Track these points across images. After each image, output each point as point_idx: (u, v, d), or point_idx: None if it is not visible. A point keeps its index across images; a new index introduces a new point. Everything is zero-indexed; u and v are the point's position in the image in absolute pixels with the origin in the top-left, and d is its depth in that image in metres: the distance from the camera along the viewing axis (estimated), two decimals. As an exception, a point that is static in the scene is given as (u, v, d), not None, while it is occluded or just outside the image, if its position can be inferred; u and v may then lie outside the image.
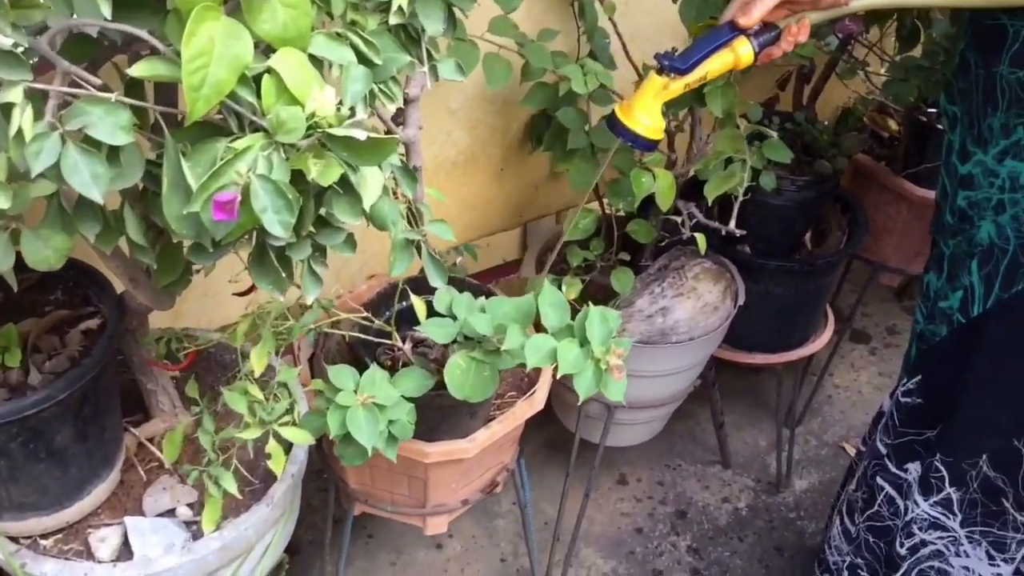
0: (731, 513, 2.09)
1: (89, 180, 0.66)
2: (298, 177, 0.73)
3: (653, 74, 1.17)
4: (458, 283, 1.41)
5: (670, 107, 1.48)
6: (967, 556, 1.48)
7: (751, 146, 1.56)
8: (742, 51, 1.17)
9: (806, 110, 1.83)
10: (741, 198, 1.45)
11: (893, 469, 1.53)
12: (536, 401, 1.49)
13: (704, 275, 1.70)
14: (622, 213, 1.68)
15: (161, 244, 0.89)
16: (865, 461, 1.62)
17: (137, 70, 0.68)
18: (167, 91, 0.91)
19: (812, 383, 2.29)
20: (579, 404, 1.41)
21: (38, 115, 0.65)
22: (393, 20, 0.83)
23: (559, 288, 1.62)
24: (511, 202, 2.06)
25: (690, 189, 1.63)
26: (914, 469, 1.51)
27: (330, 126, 0.72)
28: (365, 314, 1.34)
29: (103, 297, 1.20)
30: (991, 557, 1.47)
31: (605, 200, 1.71)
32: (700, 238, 1.51)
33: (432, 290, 1.22)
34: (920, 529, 1.50)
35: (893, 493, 1.54)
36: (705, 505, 2.10)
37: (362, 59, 0.80)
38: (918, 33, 1.66)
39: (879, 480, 1.56)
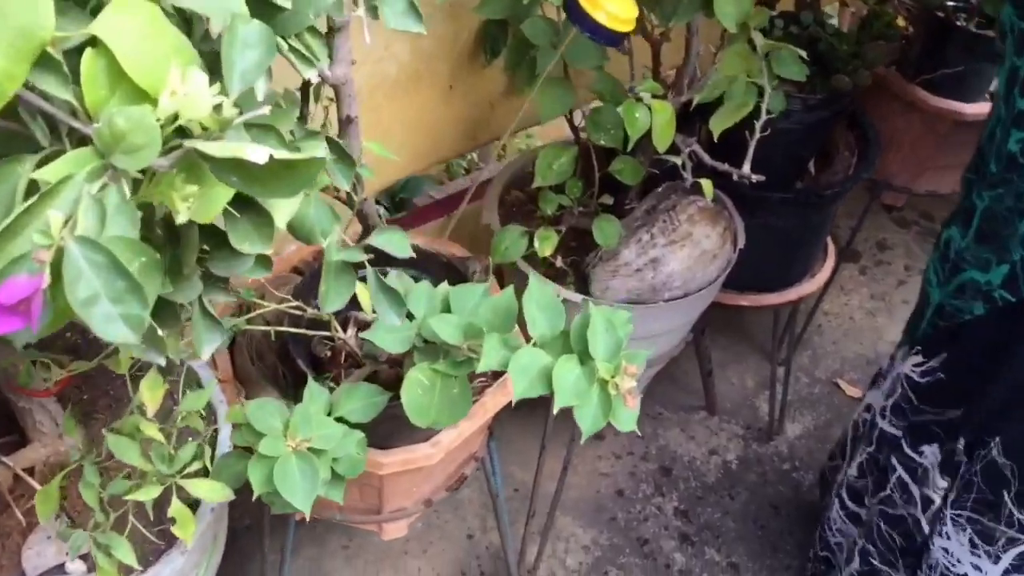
0: (720, 467, 1.88)
1: None
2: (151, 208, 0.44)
3: None
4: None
5: (669, 21, 1.19)
6: (948, 538, 1.31)
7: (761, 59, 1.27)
8: None
9: (812, 9, 1.53)
10: (759, 133, 1.17)
11: (907, 451, 1.33)
12: (509, 388, 1.23)
13: (700, 216, 1.43)
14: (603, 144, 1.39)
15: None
16: (870, 446, 1.42)
17: None
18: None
19: (804, 314, 2.07)
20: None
21: None
22: (306, -63, 0.52)
23: (530, 243, 1.36)
24: (463, 124, 1.75)
25: (686, 122, 1.35)
26: (931, 453, 1.32)
27: (205, 130, 0.42)
28: (294, 303, 1.05)
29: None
30: (974, 545, 1.28)
31: (581, 131, 1.41)
32: (707, 185, 1.24)
33: (379, 256, 0.94)
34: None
35: (907, 478, 1.35)
36: (691, 459, 1.89)
37: (259, 3, 0.50)
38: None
39: (893, 460, 1.36)
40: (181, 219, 0.44)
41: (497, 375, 1.26)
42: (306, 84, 0.82)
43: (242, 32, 0.46)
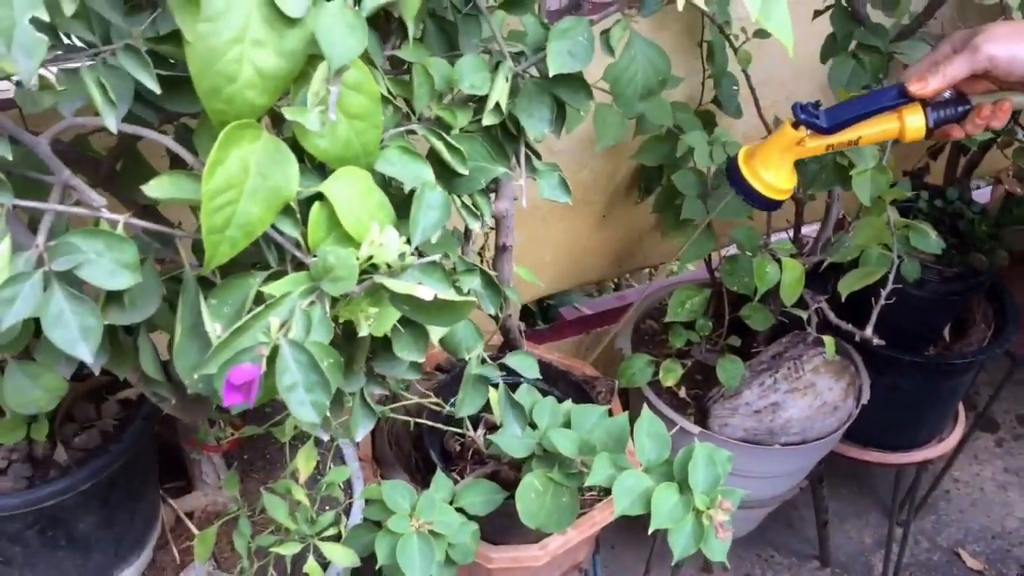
0: (825, 617, 1.88)
1: (77, 336, 0.51)
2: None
3: (787, 125, 0.97)
4: (542, 367, 1.24)
5: (808, 189, 1.29)
6: None
7: (900, 230, 1.35)
8: (911, 121, 0.94)
9: (960, 185, 1.60)
10: (883, 301, 1.24)
11: None
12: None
13: (825, 368, 1.49)
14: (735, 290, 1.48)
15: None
16: None
17: (154, 189, 0.54)
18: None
19: (930, 477, 2.05)
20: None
21: (18, 247, 0.51)
22: (487, 120, 0.66)
23: (656, 372, 1.45)
24: (611, 251, 1.88)
25: (817, 278, 1.43)
26: None
27: (389, 267, 0.56)
28: (434, 399, 1.19)
29: (146, 366, 1.07)
30: None
31: (717, 274, 1.51)
32: (829, 341, 1.31)
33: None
34: None
35: None
36: (797, 605, 1.89)
37: (444, 169, 0.64)
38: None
39: None
40: (362, 332, 0.57)
41: (607, 491, 1.34)
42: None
43: (428, 197, 0.59)
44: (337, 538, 1.00)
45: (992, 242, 1.46)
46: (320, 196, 0.56)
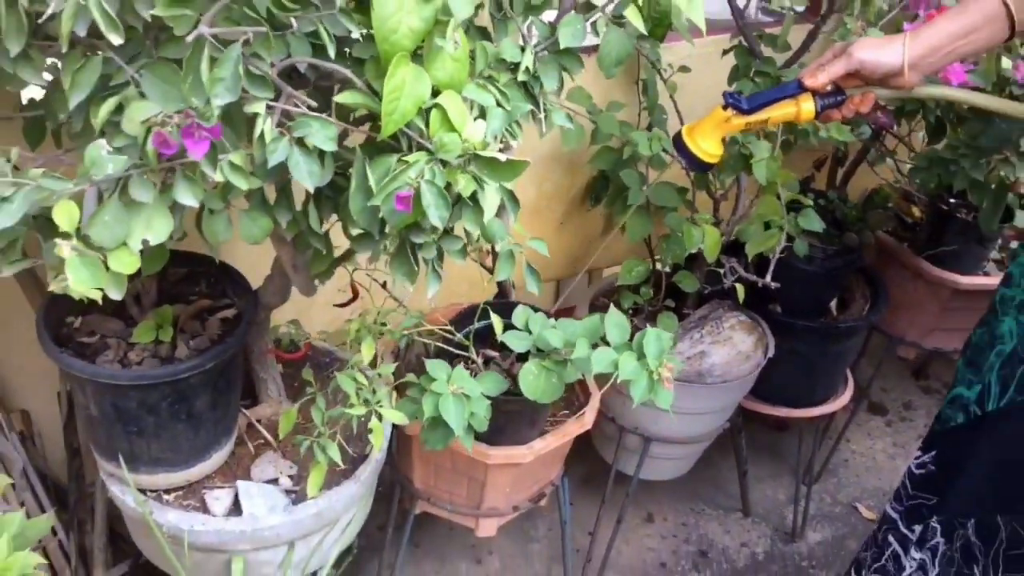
0: (749, 557, 2.25)
1: (306, 174, 0.89)
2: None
3: (718, 107, 1.34)
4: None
5: (718, 175, 1.73)
6: None
7: (788, 215, 1.79)
8: (804, 106, 1.32)
9: (838, 190, 2.06)
10: (776, 256, 1.67)
11: (903, 529, 1.66)
12: (585, 420, 1.70)
13: (739, 326, 1.91)
14: (669, 269, 1.90)
15: (324, 241, 1.13)
16: (877, 525, 1.77)
17: (342, 98, 0.93)
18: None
19: (830, 446, 2.47)
20: (620, 435, 1.60)
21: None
22: (520, 77, 1.07)
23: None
24: (569, 254, 2.29)
25: (732, 249, 1.86)
26: (919, 529, 1.64)
27: (476, 149, 0.95)
28: (449, 327, 1.57)
29: (240, 292, 1.43)
30: None
31: (656, 256, 1.94)
32: (740, 288, 1.73)
33: (503, 315, 1.45)
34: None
35: (899, 550, 1.68)
36: (725, 547, 2.27)
37: (499, 105, 1.04)
38: (944, 128, 1.89)
39: (889, 538, 1.69)
40: (459, 188, 0.95)
41: (576, 411, 1.73)
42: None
43: (495, 111, 0.99)
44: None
45: (860, 224, 1.92)
46: (436, 107, 0.95)
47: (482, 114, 0.99)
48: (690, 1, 1.51)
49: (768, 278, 1.67)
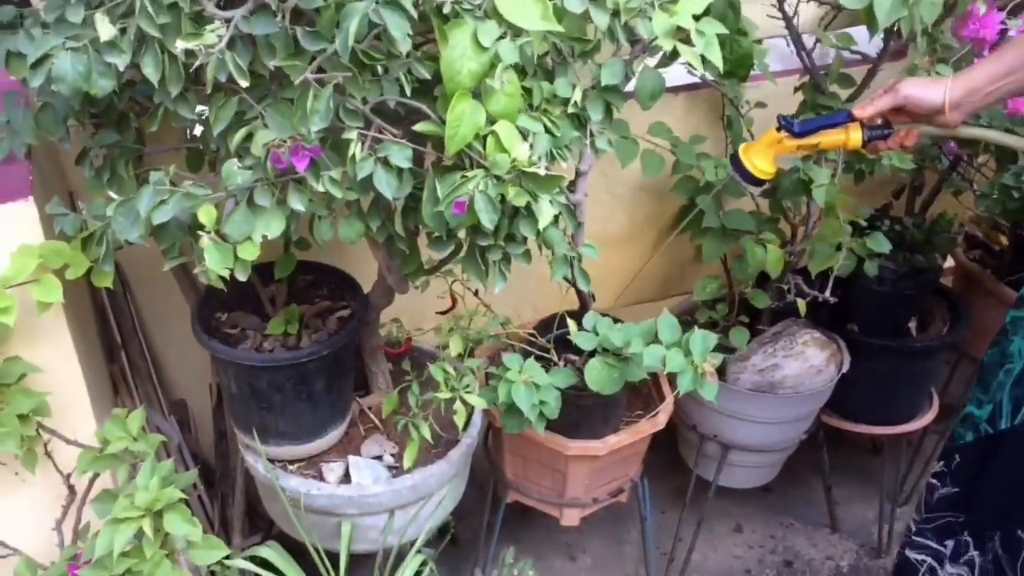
0: (833, 569, 2.35)
1: (387, 186, 1.15)
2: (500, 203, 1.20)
3: (772, 130, 1.48)
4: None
5: (782, 198, 1.90)
6: None
7: (859, 238, 1.93)
8: (853, 135, 1.43)
9: (915, 218, 2.17)
10: (834, 273, 1.81)
11: (934, 545, 1.73)
12: (658, 421, 1.88)
13: (813, 342, 2.05)
14: (746, 291, 2.07)
15: (409, 244, 1.39)
16: (904, 541, 1.83)
17: (419, 127, 1.18)
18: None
19: (920, 469, 2.53)
20: (698, 445, 1.77)
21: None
22: (570, 110, 1.29)
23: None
24: (659, 277, 2.48)
25: (804, 272, 2.01)
26: (951, 544, 1.70)
27: (523, 166, 1.19)
28: (532, 331, 1.79)
29: (354, 295, 1.71)
30: None
31: (733, 275, 2.10)
32: (801, 303, 1.88)
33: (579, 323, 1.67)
34: None
35: (935, 564, 1.74)
36: (811, 559, 2.37)
37: (548, 131, 1.27)
38: (1014, 156, 1.99)
39: (920, 555, 1.75)
40: (519, 202, 1.18)
41: (649, 408, 1.91)
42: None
43: (541, 137, 1.22)
44: (472, 395, 1.60)
45: (928, 246, 2.03)
46: (492, 134, 1.19)
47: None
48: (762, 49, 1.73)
49: (828, 292, 1.82)
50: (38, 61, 1.04)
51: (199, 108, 1.17)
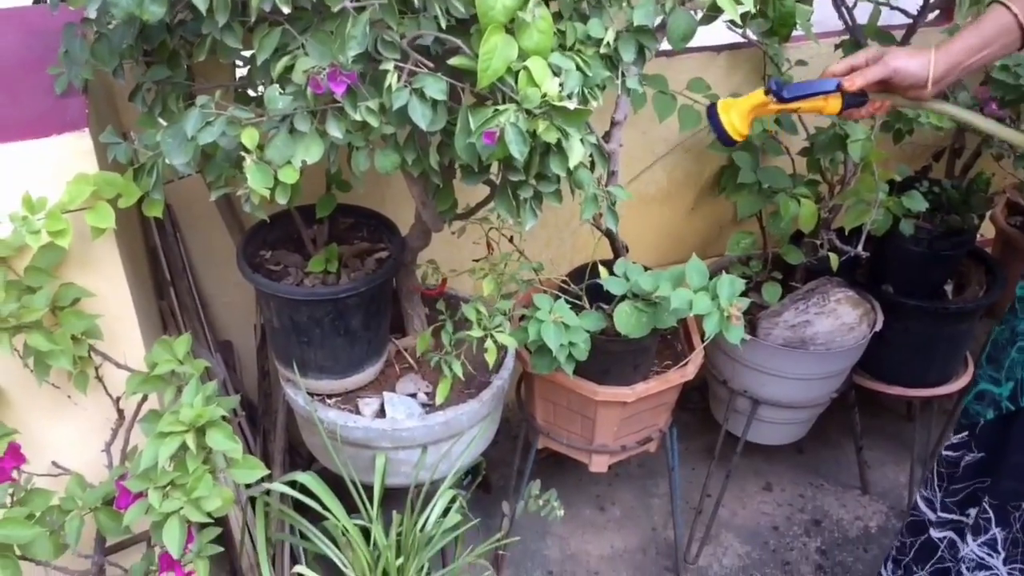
0: (861, 529, 2.36)
1: (421, 117, 1.19)
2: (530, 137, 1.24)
3: (760, 91, 1.47)
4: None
5: (815, 154, 1.91)
6: None
7: (895, 197, 1.94)
8: (832, 102, 1.44)
9: (955, 180, 2.16)
10: (868, 229, 1.82)
11: (957, 516, 1.72)
12: (687, 371, 1.91)
13: (846, 300, 2.06)
14: (779, 249, 2.09)
15: (443, 179, 1.43)
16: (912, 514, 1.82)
17: (453, 61, 1.22)
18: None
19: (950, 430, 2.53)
20: (725, 398, 1.79)
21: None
22: (602, 50, 1.32)
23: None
24: (697, 238, 2.50)
25: (839, 232, 2.02)
26: (973, 512, 1.70)
27: (553, 101, 1.22)
28: (564, 279, 1.83)
29: (392, 238, 1.76)
30: None
31: (768, 232, 2.12)
32: (833, 257, 1.89)
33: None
34: (968, 569, 1.70)
35: (955, 537, 1.74)
36: (839, 519, 2.39)
37: (579, 69, 1.30)
38: (1057, 120, 1.98)
39: (935, 533, 1.75)
40: (549, 138, 1.22)
41: (678, 360, 1.94)
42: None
43: (571, 74, 1.26)
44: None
45: (964, 206, 2.02)
46: (524, 69, 1.23)
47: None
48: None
49: (860, 247, 1.83)
50: (95, -12, 1.10)
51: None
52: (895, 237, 2.03)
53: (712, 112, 1.49)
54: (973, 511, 1.71)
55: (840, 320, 2.04)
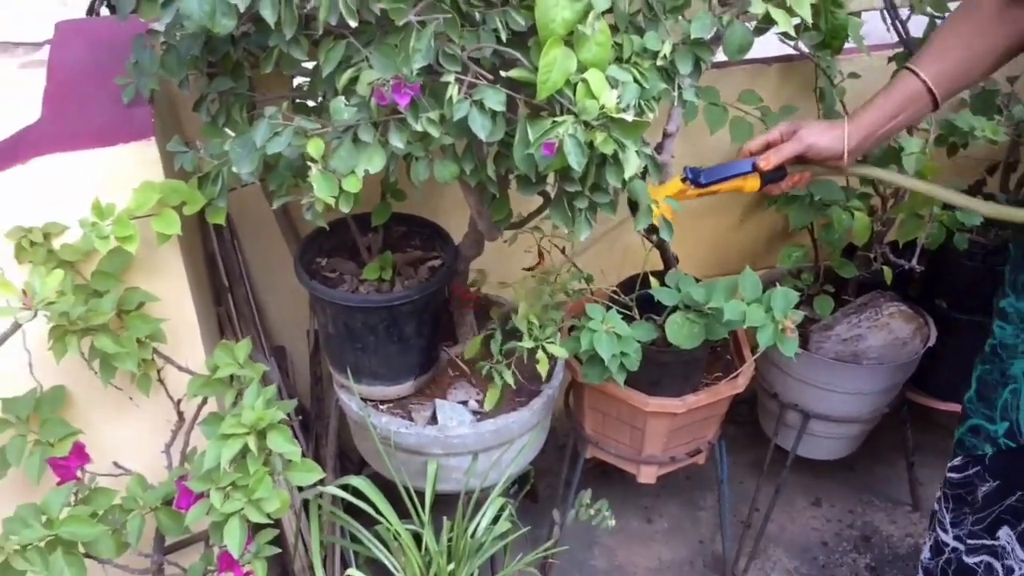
0: (912, 547, 2.33)
1: (480, 127, 1.21)
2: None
3: (677, 179, 1.53)
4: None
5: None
6: None
7: (949, 211, 1.92)
8: (751, 181, 1.51)
9: (1009, 194, 2.14)
10: (922, 243, 1.81)
11: (989, 541, 1.68)
12: (737, 383, 1.91)
13: (899, 315, 2.04)
14: (831, 261, 2.08)
15: (499, 189, 1.45)
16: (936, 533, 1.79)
17: (513, 73, 1.24)
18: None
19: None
20: (779, 416, 1.79)
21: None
22: (659, 62, 1.34)
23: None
24: (746, 249, 2.50)
25: (892, 245, 2.01)
26: (1005, 535, 1.66)
27: (611, 113, 1.24)
28: (615, 289, 1.84)
29: (445, 246, 1.78)
30: None
31: (820, 245, 2.11)
32: (887, 271, 1.88)
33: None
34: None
35: (991, 560, 1.70)
36: (889, 536, 2.36)
37: (636, 82, 1.32)
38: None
39: (969, 560, 1.71)
40: (606, 149, 1.23)
41: (729, 372, 1.94)
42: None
43: (629, 87, 1.27)
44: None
45: (1021, 221, 2.00)
46: (582, 81, 1.25)
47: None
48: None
49: (914, 260, 1.82)
50: (167, 1, 1.14)
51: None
52: (949, 251, 2.01)
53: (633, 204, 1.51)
54: (1003, 532, 1.68)
55: (893, 334, 2.02)
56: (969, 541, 1.73)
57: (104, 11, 3.07)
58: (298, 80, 1.65)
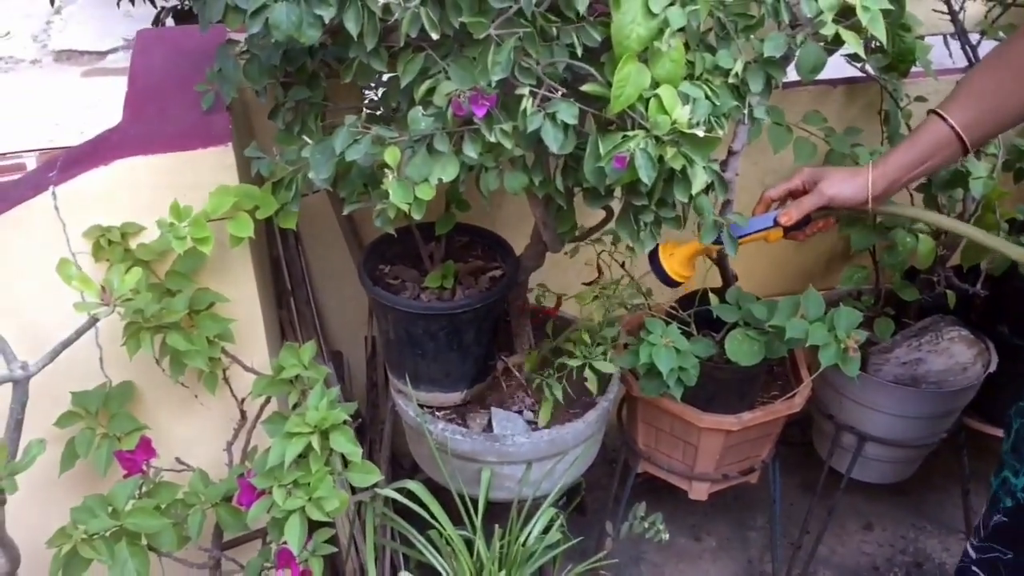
0: (967, 575, 2.29)
1: (553, 140, 1.23)
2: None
3: (696, 240, 1.51)
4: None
5: (935, 189, 1.89)
6: None
7: (1015, 236, 1.90)
8: (773, 233, 1.53)
9: (1080, 221, 2.11)
10: (986, 269, 1.79)
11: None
12: (794, 403, 1.90)
13: (960, 340, 2.02)
14: (893, 284, 2.06)
15: (566, 201, 1.47)
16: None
17: (587, 87, 1.26)
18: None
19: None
20: (831, 436, 1.78)
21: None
22: (731, 80, 1.35)
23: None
24: (806, 270, 2.49)
25: (956, 269, 1.99)
26: None
27: (682, 128, 1.25)
28: (673, 305, 1.85)
29: (506, 257, 1.80)
30: None
31: (881, 267, 2.10)
32: (951, 295, 1.86)
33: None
34: None
35: None
36: (942, 563, 2.33)
37: (708, 99, 1.33)
38: None
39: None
40: (675, 164, 1.24)
41: (785, 391, 1.93)
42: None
43: (700, 103, 1.28)
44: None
45: (1088, 248, 1.96)
46: (655, 96, 1.26)
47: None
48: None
49: (979, 285, 1.80)
50: (257, 11, 1.17)
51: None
52: (1013, 277, 1.98)
53: (654, 256, 1.54)
54: None
55: (954, 359, 2.00)
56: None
57: (169, 21, 3.15)
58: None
